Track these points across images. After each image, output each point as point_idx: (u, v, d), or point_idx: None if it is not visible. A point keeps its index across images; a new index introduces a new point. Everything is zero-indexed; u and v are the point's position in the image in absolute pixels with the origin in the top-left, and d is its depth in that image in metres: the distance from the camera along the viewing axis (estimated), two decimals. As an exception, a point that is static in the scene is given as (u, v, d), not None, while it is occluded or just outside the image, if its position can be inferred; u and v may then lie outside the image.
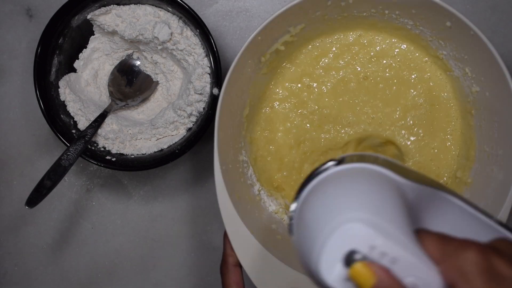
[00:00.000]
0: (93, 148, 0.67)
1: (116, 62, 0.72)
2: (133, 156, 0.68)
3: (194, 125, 0.68)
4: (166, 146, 0.68)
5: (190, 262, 0.74)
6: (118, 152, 0.68)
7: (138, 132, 0.69)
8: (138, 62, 0.72)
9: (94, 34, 0.71)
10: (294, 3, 0.58)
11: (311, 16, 0.62)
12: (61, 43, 0.68)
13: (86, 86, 0.71)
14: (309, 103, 0.67)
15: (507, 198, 0.56)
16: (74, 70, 0.71)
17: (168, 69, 0.70)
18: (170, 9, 0.66)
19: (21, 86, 0.75)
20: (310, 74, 0.67)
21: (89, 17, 0.67)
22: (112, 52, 0.71)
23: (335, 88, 0.67)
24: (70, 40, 0.69)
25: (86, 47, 0.71)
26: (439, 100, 0.66)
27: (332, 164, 0.38)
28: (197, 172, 0.75)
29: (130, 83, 0.71)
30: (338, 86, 0.67)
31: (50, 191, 0.62)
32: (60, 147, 0.75)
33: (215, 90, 0.65)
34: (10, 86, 0.75)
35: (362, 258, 0.32)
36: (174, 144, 0.68)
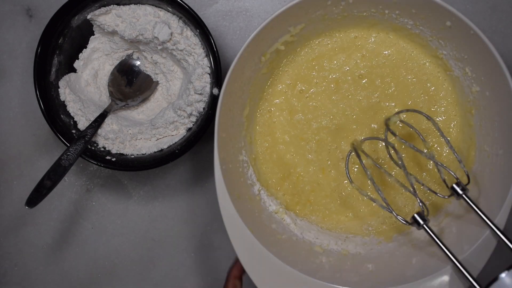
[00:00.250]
0: (93, 148, 0.67)
1: (116, 62, 0.72)
2: (133, 156, 0.68)
3: (194, 125, 0.68)
4: (166, 146, 0.68)
5: (190, 262, 0.74)
6: (118, 152, 0.68)
7: (138, 132, 0.69)
8: (138, 62, 0.72)
9: (94, 34, 0.71)
10: (294, 3, 0.58)
11: (311, 15, 0.62)
12: (61, 43, 0.68)
13: (86, 86, 0.71)
14: (309, 103, 0.67)
15: (507, 198, 0.56)
16: (74, 70, 0.71)
17: (168, 69, 0.70)
18: (170, 9, 0.66)
19: (21, 86, 0.75)
20: (310, 73, 0.67)
21: (89, 17, 0.67)
22: (112, 52, 0.71)
23: (335, 87, 0.67)
24: (70, 40, 0.69)
25: (86, 47, 0.71)
26: (439, 99, 0.66)
27: None
28: (197, 172, 0.75)
29: (130, 83, 0.71)
30: (338, 84, 0.67)
31: (50, 191, 0.62)
32: (60, 147, 0.75)
33: (215, 90, 0.65)
34: (10, 86, 0.75)
35: None
36: (174, 144, 0.68)
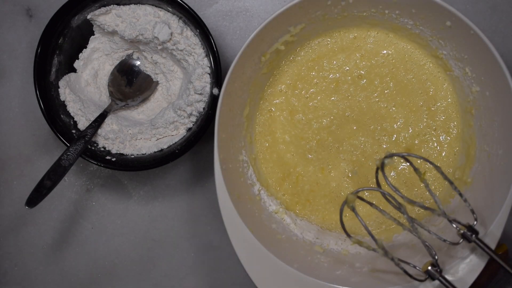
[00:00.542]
0: (93, 148, 0.67)
1: (116, 62, 0.72)
2: (133, 156, 0.68)
3: (194, 125, 0.68)
4: (166, 146, 0.68)
5: (190, 262, 0.74)
6: (118, 152, 0.68)
7: (138, 132, 0.69)
8: (138, 62, 0.72)
9: (94, 34, 0.71)
10: (294, 3, 0.58)
11: (311, 15, 0.62)
12: (61, 43, 0.68)
13: (86, 86, 0.71)
14: (309, 103, 0.67)
15: (507, 198, 0.56)
16: (74, 70, 0.71)
17: (168, 69, 0.70)
18: (170, 9, 0.66)
19: (21, 86, 0.75)
20: (310, 73, 0.67)
21: (89, 17, 0.67)
22: (112, 52, 0.71)
23: (335, 87, 0.67)
24: (70, 40, 0.69)
25: (86, 47, 0.71)
26: (439, 99, 0.66)
27: None
28: (197, 172, 0.75)
29: (130, 83, 0.71)
30: (338, 84, 0.67)
31: (50, 191, 0.62)
32: (60, 147, 0.75)
33: (215, 90, 0.65)
34: (10, 86, 0.75)
35: None
36: (174, 144, 0.68)
